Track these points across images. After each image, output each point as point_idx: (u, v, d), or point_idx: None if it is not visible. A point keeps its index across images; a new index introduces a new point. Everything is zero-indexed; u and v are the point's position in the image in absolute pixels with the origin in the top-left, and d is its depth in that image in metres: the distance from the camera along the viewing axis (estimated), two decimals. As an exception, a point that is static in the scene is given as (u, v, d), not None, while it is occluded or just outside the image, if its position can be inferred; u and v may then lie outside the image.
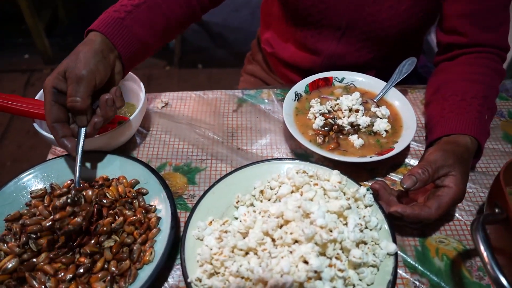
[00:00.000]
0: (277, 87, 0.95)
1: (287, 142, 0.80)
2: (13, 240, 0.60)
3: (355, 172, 0.74)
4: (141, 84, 0.80)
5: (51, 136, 0.70)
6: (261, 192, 0.66)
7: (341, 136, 0.74)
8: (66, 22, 2.94)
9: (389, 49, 0.91)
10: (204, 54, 2.82)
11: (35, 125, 0.73)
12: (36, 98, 0.77)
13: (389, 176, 0.74)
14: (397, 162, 0.76)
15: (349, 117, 0.75)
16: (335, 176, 0.64)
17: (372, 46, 0.90)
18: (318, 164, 0.69)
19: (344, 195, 0.63)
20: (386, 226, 0.61)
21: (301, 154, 0.78)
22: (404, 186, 0.61)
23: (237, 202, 0.66)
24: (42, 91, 0.77)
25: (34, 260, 0.59)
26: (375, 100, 0.80)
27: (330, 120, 0.75)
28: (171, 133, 0.83)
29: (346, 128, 0.74)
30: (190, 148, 0.80)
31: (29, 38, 2.63)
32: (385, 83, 0.83)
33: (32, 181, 0.69)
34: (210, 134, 0.82)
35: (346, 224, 0.59)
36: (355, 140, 0.73)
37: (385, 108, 0.77)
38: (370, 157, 0.69)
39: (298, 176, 0.64)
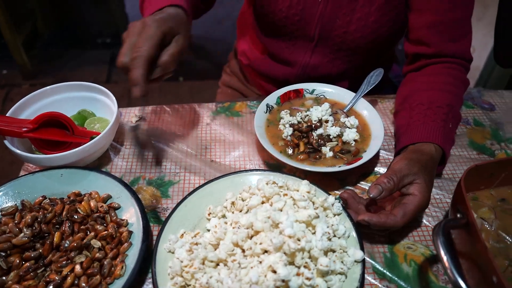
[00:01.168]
0: (252, 99, 0.97)
1: (259, 154, 0.82)
2: (-18, 258, 0.60)
3: (326, 181, 0.75)
4: (114, 98, 0.81)
5: (23, 153, 0.70)
6: (233, 203, 0.67)
7: (309, 146, 0.75)
8: (46, 34, 2.92)
9: (361, 59, 0.94)
10: (185, 67, 2.83)
11: (6, 142, 0.73)
12: (8, 115, 0.77)
13: (359, 185, 0.76)
14: (366, 170, 0.78)
15: (316, 128, 0.77)
16: (304, 186, 0.65)
17: (345, 57, 0.93)
18: (289, 174, 0.70)
19: (313, 204, 0.64)
20: (354, 234, 0.62)
21: (273, 165, 0.80)
22: (371, 195, 0.63)
23: (208, 214, 0.67)
24: (15, 106, 0.78)
25: (4, 278, 0.59)
26: (344, 111, 0.82)
27: (299, 132, 0.77)
28: (144, 147, 0.83)
29: (315, 139, 0.76)
30: (163, 162, 0.80)
31: (7, 52, 2.60)
32: (354, 94, 0.85)
33: (3, 198, 0.69)
34: (184, 147, 0.83)
35: (314, 233, 0.60)
36: (326, 151, 0.74)
37: (353, 118, 0.79)
38: (339, 166, 0.71)
39: (268, 187, 0.65)
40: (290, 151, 0.75)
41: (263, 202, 0.65)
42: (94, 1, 2.87)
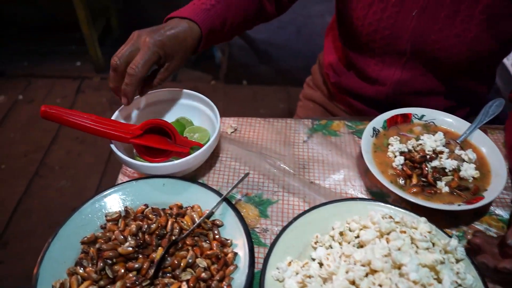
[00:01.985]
0: (347, 118, 0.92)
1: (361, 179, 0.77)
2: (90, 265, 0.60)
3: (434, 216, 0.69)
4: (216, 109, 0.79)
5: (128, 159, 0.70)
6: (341, 233, 0.63)
7: (423, 179, 0.70)
8: (118, 32, 3.02)
9: (457, 75, 0.88)
10: (249, 71, 2.83)
11: (112, 146, 0.73)
12: (113, 118, 0.77)
13: (473, 225, 0.70)
14: (481, 210, 0.72)
15: (431, 159, 0.71)
16: (424, 224, 0.60)
17: (438, 73, 0.87)
18: (400, 207, 0.65)
19: (433, 246, 0.59)
20: (481, 285, 0.57)
21: (376, 192, 0.75)
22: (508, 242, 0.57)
23: (315, 243, 0.63)
24: (117, 111, 0.78)
25: (109, 287, 0.58)
26: (458, 142, 0.76)
27: (411, 162, 0.72)
28: (241, 160, 0.81)
29: (430, 171, 0.70)
30: (261, 178, 0.78)
31: (82, 46, 2.71)
32: (467, 123, 0.79)
33: (108, 202, 0.68)
34: (281, 165, 0.80)
35: (438, 279, 0.55)
36: (442, 186, 0.69)
37: (471, 152, 0.73)
38: (459, 205, 0.65)
39: (385, 221, 0.60)
40: (402, 182, 0.70)
41: (377, 238, 0.60)
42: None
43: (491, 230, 0.69)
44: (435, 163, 0.70)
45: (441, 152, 0.73)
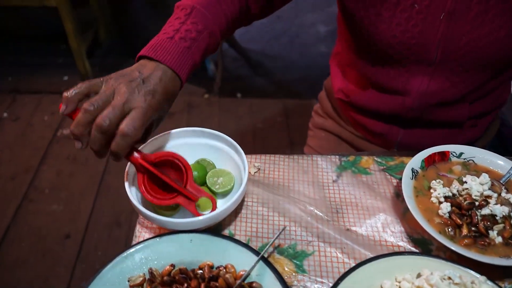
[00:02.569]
0: (376, 153, 0.87)
1: (400, 224, 0.72)
2: None
3: (482, 267, 0.64)
4: (242, 152, 0.72)
5: (149, 213, 0.63)
6: (392, 295, 0.58)
7: (473, 229, 0.65)
8: (106, 43, 2.92)
9: (486, 78, 0.83)
10: (243, 83, 2.77)
11: (132, 199, 0.65)
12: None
13: (526, 275, 0.65)
14: (533, 258, 0.67)
15: (481, 207, 0.66)
16: (486, 286, 0.55)
17: (468, 79, 0.82)
18: (451, 262, 0.60)
19: (497, 310, 0.54)
20: None
21: (418, 239, 0.70)
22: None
23: (365, 307, 0.58)
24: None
25: None
26: (502, 182, 0.71)
27: (457, 209, 0.67)
28: (268, 205, 0.75)
29: (480, 219, 0.65)
30: (292, 226, 0.71)
31: (69, 58, 2.61)
32: (509, 162, 0.74)
33: (130, 264, 0.61)
34: (313, 210, 0.74)
35: None
36: (495, 236, 0.64)
37: (521, 195, 0.68)
38: (517, 259, 0.60)
39: (444, 284, 0.55)
40: (451, 232, 0.65)
41: (436, 302, 0.55)
42: (154, 10, 2.85)
43: (545, 280, 0.64)
44: (485, 211, 0.65)
45: (489, 197, 0.68)
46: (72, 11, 2.25)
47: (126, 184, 0.67)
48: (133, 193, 0.68)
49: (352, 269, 0.60)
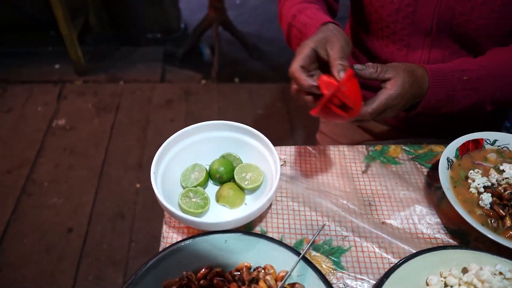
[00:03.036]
0: (402, 141, 0.84)
1: (437, 215, 0.70)
2: None
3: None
4: (271, 145, 0.69)
5: (183, 215, 0.59)
6: (440, 291, 0.56)
7: (517, 219, 0.63)
8: (98, 29, 2.82)
9: (488, 46, 0.80)
10: (240, 67, 2.71)
11: (161, 199, 0.62)
12: (154, 160, 0.66)
13: None
14: None
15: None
16: (539, 280, 0.53)
17: (469, 47, 0.81)
18: (497, 255, 0.58)
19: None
20: None
21: (455, 230, 0.68)
22: (355, 67, 0.66)
23: (413, 305, 0.56)
24: (159, 151, 0.67)
25: None
26: (539, 170, 0.69)
27: (499, 199, 0.65)
28: (298, 199, 0.72)
29: (523, 209, 0.63)
30: (326, 221, 0.69)
31: (59, 46, 2.51)
32: (544, 147, 0.73)
33: (164, 268, 0.58)
34: (345, 203, 0.72)
35: None
36: (539, 226, 0.62)
37: (561, 183, 0.66)
38: None
39: (496, 280, 0.53)
40: (494, 224, 0.63)
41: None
42: (145, -6, 2.76)
43: None
44: (528, 201, 0.63)
45: (529, 186, 0.66)
46: (61, -3, 2.15)
47: (161, 199, 0.62)
48: (159, 191, 0.64)
49: (397, 266, 0.58)
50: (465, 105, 0.73)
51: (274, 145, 0.70)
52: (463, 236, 0.67)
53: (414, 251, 0.64)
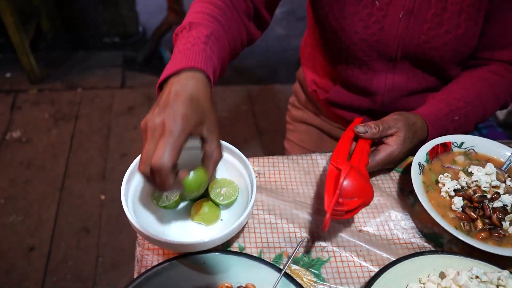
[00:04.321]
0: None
1: (411, 220, 0.71)
2: None
3: (497, 257, 0.65)
4: (244, 157, 0.68)
5: (154, 235, 0.57)
6: (420, 298, 0.57)
7: (487, 221, 0.65)
8: (51, 35, 2.70)
9: (449, 68, 0.85)
10: (203, 70, 2.68)
11: (131, 220, 0.59)
12: (124, 182, 0.63)
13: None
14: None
15: (494, 199, 0.66)
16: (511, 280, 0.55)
17: (431, 70, 0.85)
18: (470, 257, 0.60)
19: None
20: None
21: (429, 234, 0.69)
22: (356, 130, 0.70)
23: (395, 314, 0.56)
24: (128, 171, 0.64)
25: None
26: (504, 170, 0.72)
27: (469, 202, 0.66)
28: (275, 212, 0.71)
29: (492, 211, 0.65)
30: (304, 232, 0.68)
31: (10, 53, 2.39)
32: (507, 148, 0.75)
33: (141, 297, 0.55)
34: (323, 213, 0.71)
35: None
36: (507, 227, 0.64)
37: (525, 183, 0.69)
38: (533, 248, 0.61)
39: (473, 284, 0.54)
40: (467, 227, 0.64)
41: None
42: (100, -3, 2.67)
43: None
44: (497, 203, 0.65)
45: (497, 187, 0.68)
46: (11, 2, 2.04)
47: (131, 219, 0.59)
48: (131, 213, 0.61)
49: (377, 276, 0.58)
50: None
51: (242, 149, 0.69)
52: (436, 239, 0.68)
53: (392, 258, 0.65)
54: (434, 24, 0.76)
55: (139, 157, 0.65)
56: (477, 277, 0.56)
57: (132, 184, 0.66)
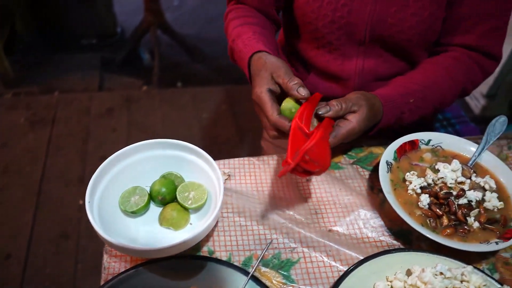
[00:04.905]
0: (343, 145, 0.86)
1: (380, 218, 0.72)
2: None
3: (463, 252, 0.66)
4: (212, 161, 0.67)
5: (116, 242, 0.56)
6: (387, 296, 0.57)
7: (452, 217, 0.66)
8: (26, 37, 2.65)
9: (418, 53, 0.87)
10: (182, 71, 2.66)
11: (95, 225, 0.58)
12: (90, 183, 0.63)
13: (500, 255, 0.67)
14: (504, 236, 0.70)
15: (459, 196, 0.67)
16: (475, 276, 0.56)
17: (400, 54, 0.86)
18: (436, 254, 0.61)
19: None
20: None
21: (398, 231, 0.70)
22: (319, 112, 0.68)
23: (362, 313, 0.56)
24: (96, 174, 0.64)
25: None
26: (470, 166, 0.73)
27: (435, 199, 0.67)
28: (245, 214, 0.71)
29: (457, 207, 0.66)
30: (274, 234, 0.68)
31: (-17, 58, 2.33)
32: (474, 144, 0.76)
33: (106, 305, 0.55)
34: (292, 214, 0.71)
35: None
36: (472, 222, 0.65)
37: (490, 179, 0.70)
38: (496, 243, 0.62)
39: (438, 281, 0.55)
40: (433, 224, 0.65)
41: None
42: (76, -1, 2.63)
43: (517, 257, 0.67)
44: (463, 200, 0.66)
45: (463, 183, 0.69)
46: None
47: (94, 224, 0.59)
48: (97, 220, 0.60)
49: (344, 275, 0.59)
50: (412, 120, 0.78)
51: (222, 149, 0.69)
52: (405, 236, 0.69)
53: (361, 257, 0.65)
54: (400, 6, 0.77)
55: (102, 164, 0.65)
56: (441, 273, 0.56)
57: (98, 190, 0.65)
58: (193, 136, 2.16)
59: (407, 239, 0.69)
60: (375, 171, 0.79)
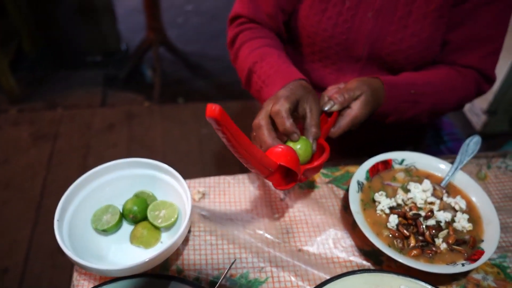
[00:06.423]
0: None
1: (350, 237, 0.72)
2: None
3: (432, 274, 0.65)
4: (181, 178, 0.68)
5: (82, 261, 0.57)
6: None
7: (420, 238, 0.66)
8: (32, 55, 2.72)
9: None
10: (184, 87, 2.69)
11: (62, 245, 0.60)
12: (61, 201, 0.64)
13: (471, 276, 0.67)
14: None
15: (428, 217, 0.67)
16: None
17: (394, 74, 0.85)
18: (405, 275, 0.61)
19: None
20: None
21: (369, 252, 0.70)
22: (325, 109, 0.69)
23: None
24: (67, 192, 0.66)
25: None
26: (443, 186, 0.73)
27: (404, 219, 0.67)
28: (216, 233, 0.71)
29: (425, 228, 0.66)
30: (243, 253, 0.69)
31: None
32: (447, 164, 0.76)
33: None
34: (262, 233, 0.72)
35: None
36: (440, 243, 0.65)
37: (461, 199, 0.70)
38: (463, 264, 0.62)
39: (400, 303, 0.55)
40: (400, 245, 0.65)
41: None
42: (82, 17, 2.69)
43: (488, 278, 0.67)
44: (431, 221, 0.66)
45: (432, 203, 0.69)
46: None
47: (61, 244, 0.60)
48: (65, 239, 0.62)
49: (307, 296, 0.59)
50: (407, 116, 0.78)
51: (221, 166, 0.70)
52: (376, 257, 0.69)
53: (329, 277, 0.65)
54: (400, 26, 0.78)
55: (75, 182, 0.67)
56: (404, 295, 0.56)
57: (70, 209, 0.66)
58: (193, 152, 2.18)
59: (378, 260, 0.69)
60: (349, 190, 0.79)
